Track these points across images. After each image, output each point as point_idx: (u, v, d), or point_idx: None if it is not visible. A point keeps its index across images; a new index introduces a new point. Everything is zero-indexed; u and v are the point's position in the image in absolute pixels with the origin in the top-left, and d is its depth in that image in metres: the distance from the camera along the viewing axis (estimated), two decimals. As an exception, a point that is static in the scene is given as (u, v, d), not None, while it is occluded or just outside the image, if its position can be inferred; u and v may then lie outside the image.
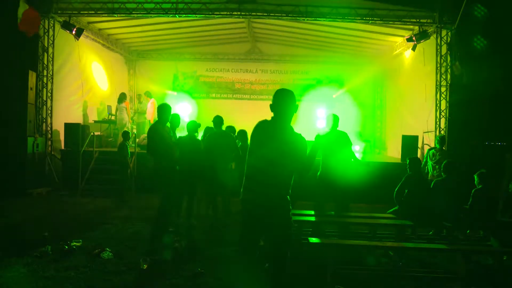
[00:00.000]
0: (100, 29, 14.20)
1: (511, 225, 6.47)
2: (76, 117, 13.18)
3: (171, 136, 6.52)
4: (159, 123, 6.46)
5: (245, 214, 3.83)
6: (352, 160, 7.25)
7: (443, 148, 9.43)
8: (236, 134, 9.22)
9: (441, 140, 9.41)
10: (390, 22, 11.51)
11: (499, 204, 6.81)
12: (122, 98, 13.72)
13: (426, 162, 9.51)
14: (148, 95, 14.82)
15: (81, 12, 11.66)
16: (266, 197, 3.70)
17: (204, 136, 8.59)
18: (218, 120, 8.28)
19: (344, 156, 7.00)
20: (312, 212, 6.85)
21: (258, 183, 3.70)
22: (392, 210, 6.94)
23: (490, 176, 6.63)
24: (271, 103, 3.73)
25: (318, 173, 6.96)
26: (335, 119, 7.13)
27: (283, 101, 3.75)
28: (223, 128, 8.47)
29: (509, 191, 7.01)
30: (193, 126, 7.88)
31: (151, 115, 14.18)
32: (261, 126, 3.80)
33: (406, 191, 6.67)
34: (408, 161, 6.95)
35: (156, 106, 14.28)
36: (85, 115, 14.03)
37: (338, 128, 7.15)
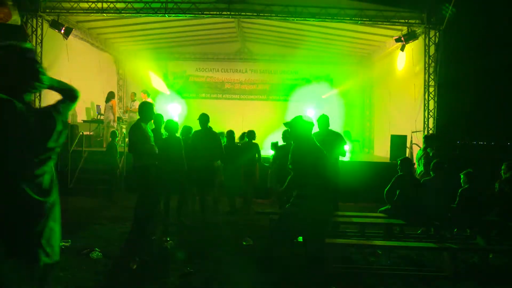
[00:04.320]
0: (89, 29, 14.12)
1: (496, 224, 6.56)
2: (64, 117, 13.07)
3: (150, 135, 6.52)
4: (141, 121, 6.45)
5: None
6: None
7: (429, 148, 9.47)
8: (225, 134, 9.30)
9: (425, 139, 9.44)
10: (379, 23, 11.60)
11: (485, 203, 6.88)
12: (109, 97, 13.68)
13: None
14: (146, 93, 14.52)
15: (70, 11, 11.56)
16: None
17: (183, 135, 8.40)
18: (203, 119, 8.23)
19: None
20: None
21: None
22: (383, 209, 6.99)
23: (477, 175, 6.71)
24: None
25: None
26: (325, 120, 7.35)
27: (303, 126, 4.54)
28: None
29: (495, 190, 7.09)
30: (174, 126, 7.86)
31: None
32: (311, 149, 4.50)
33: (397, 191, 6.72)
34: (399, 161, 7.00)
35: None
36: (74, 115, 13.93)
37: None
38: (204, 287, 4.92)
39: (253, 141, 9.18)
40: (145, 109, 6.51)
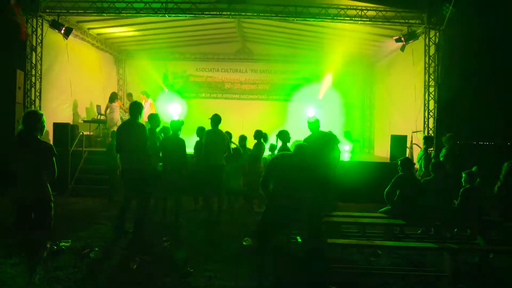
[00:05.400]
0: (89, 29, 14.10)
1: (497, 224, 6.55)
2: (65, 117, 13.06)
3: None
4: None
5: None
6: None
7: (429, 148, 9.46)
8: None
9: (424, 140, 9.44)
10: (379, 23, 11.59)
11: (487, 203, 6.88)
12: (113, 97, 13.56)
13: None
14: (146, 95, 14.42)
15: (70, 11, 11.57)
16: None
17: (200, 135, 8.66)
18: (215, 119, 8.30)
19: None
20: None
21: None
22: (383, 209, 6.98)
23: (478, 175, 6.71)
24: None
25: None
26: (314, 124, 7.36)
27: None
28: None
29: (495, 190, 7.08)
30: (177, 125, 7.86)
31: (147, 116, 13.99)
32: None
33: (398, 192, 6.71)
34: (399, 161, 6.99)
35: (154, 107, 14.06)
36: (74, 115, 13.93)
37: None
38: (204, 287, 4.91)
39: (262, 140, 9.13)
40: (139, 108, 6.48)
